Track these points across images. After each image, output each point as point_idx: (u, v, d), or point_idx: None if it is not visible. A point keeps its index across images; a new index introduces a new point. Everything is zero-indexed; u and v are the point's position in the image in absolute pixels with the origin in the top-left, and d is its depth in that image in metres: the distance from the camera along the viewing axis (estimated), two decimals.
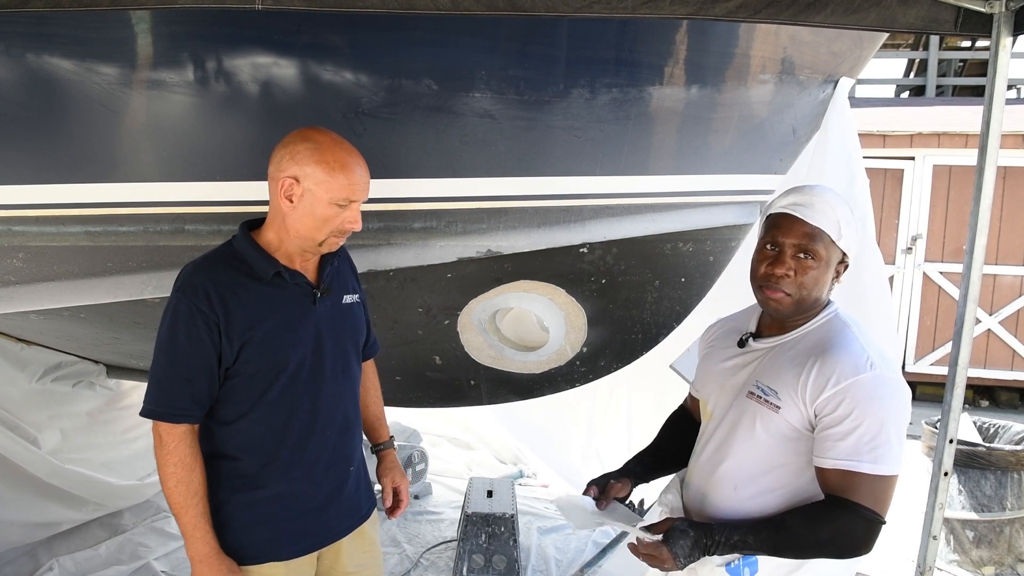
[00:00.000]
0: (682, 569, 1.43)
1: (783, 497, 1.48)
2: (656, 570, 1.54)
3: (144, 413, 1.55)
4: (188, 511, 1.53)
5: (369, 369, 1.95)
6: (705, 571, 1.46)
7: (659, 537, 1.44)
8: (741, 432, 1.51)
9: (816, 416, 1.42)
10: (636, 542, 1.48)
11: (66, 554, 3.20)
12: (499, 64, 2.11)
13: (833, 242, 1.46)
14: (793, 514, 1.43)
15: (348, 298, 1.74)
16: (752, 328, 1.61)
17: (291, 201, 1.54)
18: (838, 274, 1.51)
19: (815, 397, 1.41)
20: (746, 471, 1.50)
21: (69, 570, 3.12)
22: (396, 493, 1.92)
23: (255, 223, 1.65)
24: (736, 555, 1.43)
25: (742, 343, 1.59)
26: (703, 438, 1.63)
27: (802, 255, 1.45)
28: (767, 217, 1.54)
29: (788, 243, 1.46)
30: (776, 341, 1.53)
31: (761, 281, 1.49)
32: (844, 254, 1.49)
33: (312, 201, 1.54)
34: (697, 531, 1.41)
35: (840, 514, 1.38)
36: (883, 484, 1.38)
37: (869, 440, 1.36)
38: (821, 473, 1.42)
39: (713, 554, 1.41)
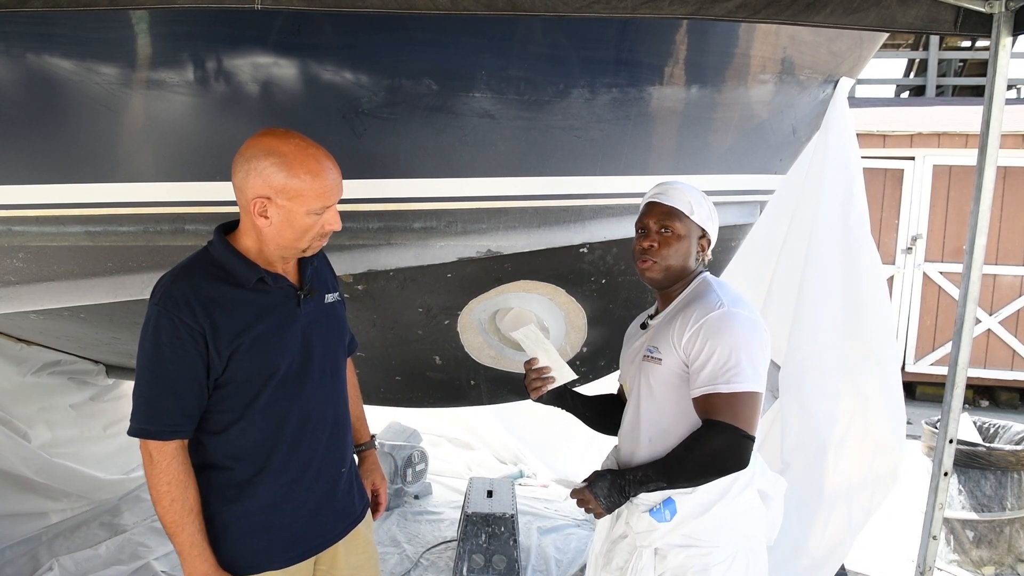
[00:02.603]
0: (607, 511, 1.72)
1: (682, 439, 1.72)
2: (599, 547, 1.88)
3: (133, 432, 1.49)
4: (184, 529, 1.49)
5: (348, 368, 1.90)
6: (634, 519, 1.75)
7: (585, 484, 1.75)
8: (644, 392, 1.78)
9: (687, 357, 1.69)
10: (571, 492, 1.78)
11: (66, 554, 3.19)
12: (499, 64, 2.12)
13: (688, 216, 1.77)
14: (678, 445, 1.70)
15: (330, 297, 1.72)
16: (651, 312, 1.92)
17: (266, 218, 1.50)
18: (703, 248, 1.81)
19: (681, 341, 1.69)
20: (653, 424, 1.77)
21: (69, 570, 3.12)
22: (376, 495, 1.91)
23: (229, 226, 1.61)
24: (657, 500, 1.71)
25: (644, 326, 1.91)
26: (626, 411, 1.89)
27: (663, 230, 1.77)
28: (639, 213, 1.85)
29: (652, 222, 1.79)
30: (664, 314, 1.83)
31: (636, 256, 1.80)
32: (703, 230, 1.80)
33: (288, 216, 1.50)
34: (612, 475, 1.73)
35: (710, 434, 1.64)
36: (740, 400, 1.62)
37: (722, 365, 1.62)
38: (695, 404, 1.68)
39: (629, 492, 1.70)
